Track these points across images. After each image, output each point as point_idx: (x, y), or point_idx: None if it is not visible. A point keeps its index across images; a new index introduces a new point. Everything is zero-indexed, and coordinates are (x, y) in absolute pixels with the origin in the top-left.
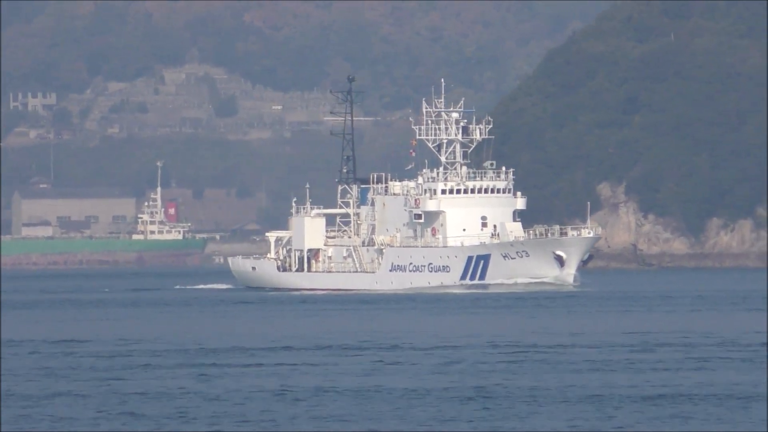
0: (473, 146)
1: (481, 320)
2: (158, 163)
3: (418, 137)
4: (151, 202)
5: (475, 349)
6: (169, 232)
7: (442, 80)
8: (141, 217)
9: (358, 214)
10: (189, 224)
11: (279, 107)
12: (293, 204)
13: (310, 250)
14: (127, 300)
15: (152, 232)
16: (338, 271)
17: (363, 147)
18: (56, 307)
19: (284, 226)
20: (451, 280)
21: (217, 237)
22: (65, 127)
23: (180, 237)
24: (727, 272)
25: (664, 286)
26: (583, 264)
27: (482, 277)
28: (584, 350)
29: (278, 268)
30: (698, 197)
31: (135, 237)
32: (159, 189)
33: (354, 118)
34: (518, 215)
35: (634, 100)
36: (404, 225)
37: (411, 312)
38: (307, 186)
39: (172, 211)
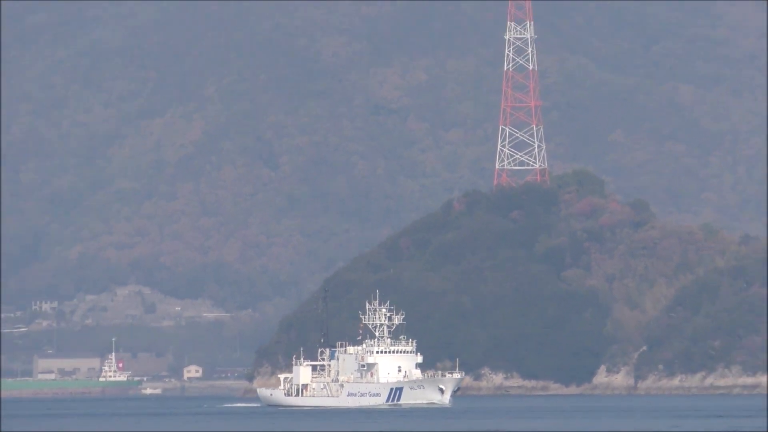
0: (394, 327)
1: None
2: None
3: (363, 323)
4: (108, 361)
5: None
6: (120, 376)
7: (377, 293)
8: (104, 368)
9: (330, 364)
10: (129, 372)
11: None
12: (294, 359)
13: (302, 384)
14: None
15: (111, 376)
16: (318, 396)
17: (211, 335)
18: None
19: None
20: (381, 401)
21: (145, 379)
22: None
23: (125, 379)
24: None
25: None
26: (454, 392)
27: (398, 399)
28: None
29: (285, 394)
30: None
31: (101, 378)
32: (113, 354)
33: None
34: (417, 365)
35: None
36: (355, 371)
37: (325, 419)
38: (301, 348)
39: (120, 365)
